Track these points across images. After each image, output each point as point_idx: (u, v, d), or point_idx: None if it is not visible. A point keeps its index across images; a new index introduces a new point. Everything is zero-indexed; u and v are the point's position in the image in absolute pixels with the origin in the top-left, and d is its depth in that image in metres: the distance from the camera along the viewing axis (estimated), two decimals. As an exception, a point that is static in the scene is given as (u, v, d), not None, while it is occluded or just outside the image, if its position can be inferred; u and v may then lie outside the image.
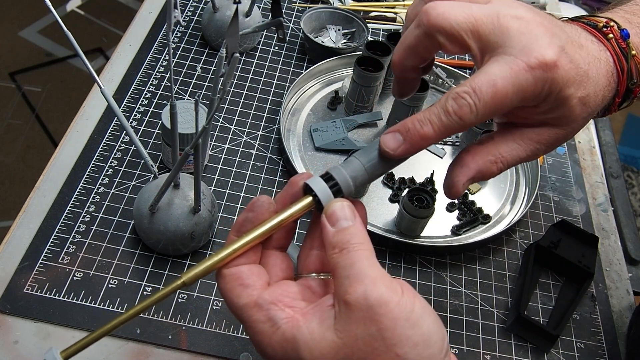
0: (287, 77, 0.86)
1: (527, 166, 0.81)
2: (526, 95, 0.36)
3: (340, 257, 0.34)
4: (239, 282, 0.36)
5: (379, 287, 0.33)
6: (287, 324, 0.34)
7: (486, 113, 0.36)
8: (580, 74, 0.38)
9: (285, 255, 0.39)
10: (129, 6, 2.33)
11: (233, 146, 0.75)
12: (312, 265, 0.38)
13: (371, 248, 0.35)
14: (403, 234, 0.70)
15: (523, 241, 0.73)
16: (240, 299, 0.35)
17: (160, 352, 0.56)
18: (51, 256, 0.60)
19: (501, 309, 0.66)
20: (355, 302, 0.32)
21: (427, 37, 0.38)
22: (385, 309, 0.32)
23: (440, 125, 0.36)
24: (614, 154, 0.95)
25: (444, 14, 0.37)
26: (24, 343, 0.54)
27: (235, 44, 0.39)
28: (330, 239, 0.35)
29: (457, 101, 0.36)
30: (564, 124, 0.39)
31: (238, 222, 0.38)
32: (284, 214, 0.37)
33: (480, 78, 0.36)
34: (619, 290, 0.71)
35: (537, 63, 0.35)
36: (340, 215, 0.36)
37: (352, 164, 0.38)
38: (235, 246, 0.36)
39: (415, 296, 0.34)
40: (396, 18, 0.98)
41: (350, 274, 0.33)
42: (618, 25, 0.42)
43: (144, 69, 0.81)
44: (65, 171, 0.67)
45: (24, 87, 1.99)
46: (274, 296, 0.35)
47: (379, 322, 0.32)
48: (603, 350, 0.64)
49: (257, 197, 0.38)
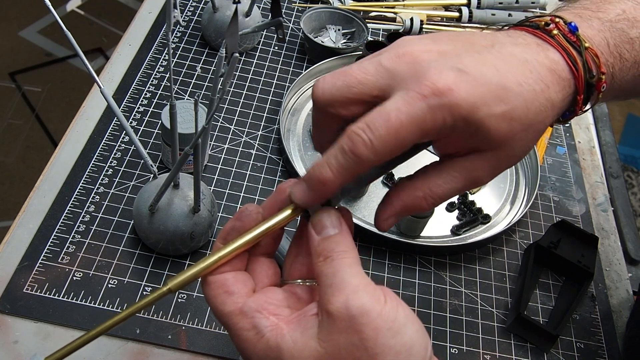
0: (287, 77, 0.86)
1: (527, 166, 0.81)
2: (426, 125, 0.33)
3: (324, 265, 0.34)
4: (224, 289, 0.36)
5: (360, 296, 0.33)
6: (271, 332, 0.34)
7: (385, 148, 0.33)
8: (495, 90, 0.34)
9: (271, 262, 0.39)
10: (129, 6, 2.33)
11: (233, 146, 0.75)
12: (297, 272, 0.38)
13: (356, 256, 0.35)
14: (403, 234, 0.70)
15: (523, 241, 0.73)
16: (225, 306, 0.35)
17: (160, 352, 0.56)
18: (51, 256, 0.60)
19: (501, 309, 0.66)
20: (337, 311, 0.32)
21: (322, 114, 0.37)
22: (367, 319, 0.32)
23: (338, 167, 0.34)
24: (614, 154, 0.95)
25: (322, 88, 0.36)
26: (23, 343, 0.54)
27: (235, 44, 0.39)
28: (315, 247, 0.35)
29: (351, 138, 0.33)
30: (495, 146, 0.36)
31: (225, 230, 0.38)
32: (270, 222, 0.37)
33: (373, 113, 0.34)
34: (619, 290, 0.71)
35: (430, 91, 0.33)
36: (327, 223, 0.36)
37: None
38: (221, 254, 0.36)
39: (399, 304, 0.34)
40: (396, 18, 0.98)
41: (333, 282, 0.33)
42: (564, 20, 0.39)
43: (143, 69, 0.81)
44: (65, 171, 0.67)
45: (24, 87, 1.99)
46: (259, 304, 0.35)
47: (361, 332, 0.32)
48: (603, 350, 0.64)
49: (245, 206, 0.38)
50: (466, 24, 1.01)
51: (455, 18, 1.02)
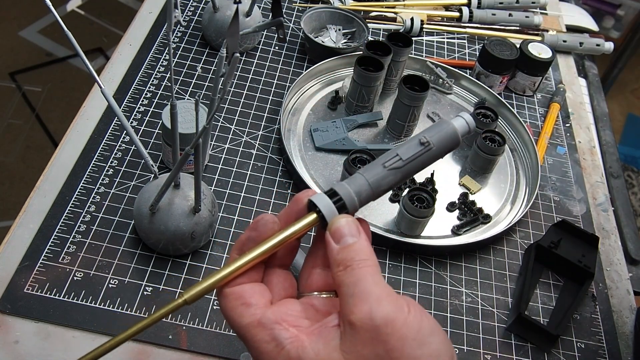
0: (288, 77, 0.85)
1: (527, 166, 0.81)
2: None
3: (344, 275, 0.34)
4: (241, 300, 0.35)
5: (384, 305, 0.32)
6: (292, 344, 0.33)
7: None
8: None
9: (288, 274, 0.38)
10: (129, 6, 2.33)
11: (233, 146, 0.75)
12: (314, 285, 0.38)
13: (376, 264, 0.34)
14: (403, 234, 0.69)
15: (523, 241, 0.73)
16: (243, 319, 0.34)
17: (160, 352, 0.56)
18: (51, 256, 0.60)
19: (501, 309, 0.66)
20: (360, 322, 0.32)
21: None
22: (392, 329, 0.31)
23: None
24: (614, 154, 0.95)
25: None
26: (24, 343, 0.54)
27: (235, 44, 0.39)
28: (334, 257, 0.35)
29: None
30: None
31: (240, 241, 0.37)
32: (287, 232, 0.36)
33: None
34: (619, 290, 0.71)
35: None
36: (345, 231, 0.35)
37: (356, 179, 0.37)
38: (237, 264, 0.35)
39: (423, 314, 0.33)
40: (396, 18, 0.98)
41: (355, 292, 0.33)
42: None
43: (144, 69, 0.81)
44: (65, 171, 0.67)
45: (24, 87, 1.99)
46: (278, 315, 0.34)
47: (386, 342, 0.31)
48: (603, 350, 0.64)
49: (261, 216, 0.37)
50: (466, 24, 1.01)
51: (455, 18, 1.02)
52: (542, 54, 0.90)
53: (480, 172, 0.78)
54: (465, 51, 0.98)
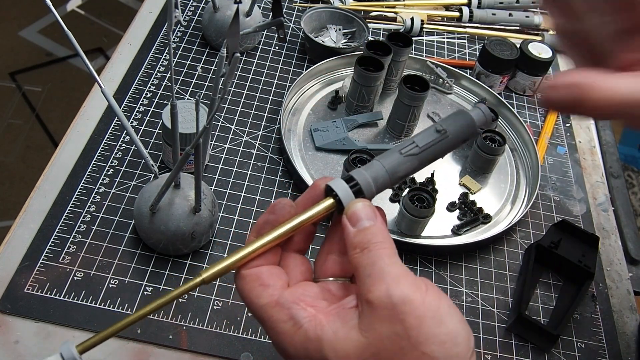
0: (288, 77, 0.85)
1: (527, 166, 0.81)
2: None
3: (361, 257, 0.34)
4: (259, 282, 0.35)
5: (402, 284, 0.32)
6: (310, 323, 0.33)
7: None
8: None
9: (304, 258, 0.39)
10: (129, 6, 2.33)
11: (234, 146, 0.75)
12: (329, 271, 0.38)
13: (393, 246, 0.35)
14: (403, 234, 0.69)
15: (523, 241, 0.73)
16: (261, 299, 0.35)
17: (160, 352, 0.56)
18: (52, 256, 0.60)
19: (502, 309, 0.66)
20: (378, 300, 0.32)
21: None
22: (410, 307, 0.31)
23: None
24: (615, 154, 0.95)
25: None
26: (24, 343, 0.54)
27: (235, 44, 0.39)
28: (351, 239, 0.35)
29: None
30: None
31: (258, 224, 0.37)
32: (304, 215, 0.36)
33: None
34: (620, 290, 0.71)
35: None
36: (362, 215, 0.35)
37: (373, 166, 0.38)
38: (255, 246, 0.36)
39: (440, 294, 0.33)
40: (396, 18, 0.98)
41: (372, 272, 0.33)
42: None
43: (144, 69, 0.81)
44: (65, 171, 0.67)
45: (24, 87, 1.99)
46: (296, 295, 0.34)
47: (404, 320, 0.31)
48: (604, 350, 0.64)
49: (279, 200, 0.37)
50: (467, 24, 1.01)
51: (455, 18, 1.02)
52: (543, 54, 0.90)
53: (480, 172, 0.78)
54: (466, 51, 0.98)
